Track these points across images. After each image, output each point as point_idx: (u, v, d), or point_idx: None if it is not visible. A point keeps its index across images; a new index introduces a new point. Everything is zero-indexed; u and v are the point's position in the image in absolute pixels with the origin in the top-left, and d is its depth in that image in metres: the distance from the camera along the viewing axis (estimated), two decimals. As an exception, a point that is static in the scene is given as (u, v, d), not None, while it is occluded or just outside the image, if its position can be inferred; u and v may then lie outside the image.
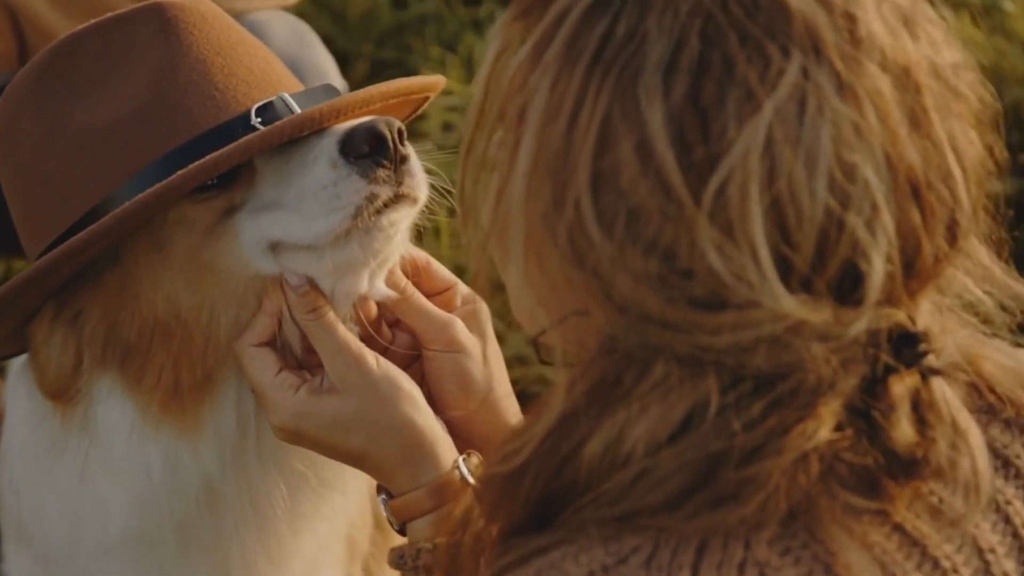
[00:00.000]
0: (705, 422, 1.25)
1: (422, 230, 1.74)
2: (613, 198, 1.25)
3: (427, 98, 1.83)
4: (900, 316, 1.28)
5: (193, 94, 1.63)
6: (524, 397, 1.72)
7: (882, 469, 1.28)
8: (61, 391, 1.69)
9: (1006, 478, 1.36)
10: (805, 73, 1.23)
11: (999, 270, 1.38)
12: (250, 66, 1.68)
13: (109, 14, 1.70)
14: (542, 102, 1.28)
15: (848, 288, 1.25)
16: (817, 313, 1.24)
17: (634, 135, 1.24)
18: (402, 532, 1.66)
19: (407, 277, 1.73)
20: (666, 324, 1.25)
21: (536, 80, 1.29)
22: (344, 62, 3.86)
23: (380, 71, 3.93)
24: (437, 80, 1.78)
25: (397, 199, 1.63)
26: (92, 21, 1.70)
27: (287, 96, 1.66)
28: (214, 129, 1.62)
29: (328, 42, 3.91)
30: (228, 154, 1.57)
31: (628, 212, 1.24)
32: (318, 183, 1.61)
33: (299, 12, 3.94)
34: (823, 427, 1.25)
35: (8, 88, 1.71)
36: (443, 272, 1.77)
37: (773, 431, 1.25)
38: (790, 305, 1.23)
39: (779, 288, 1.22)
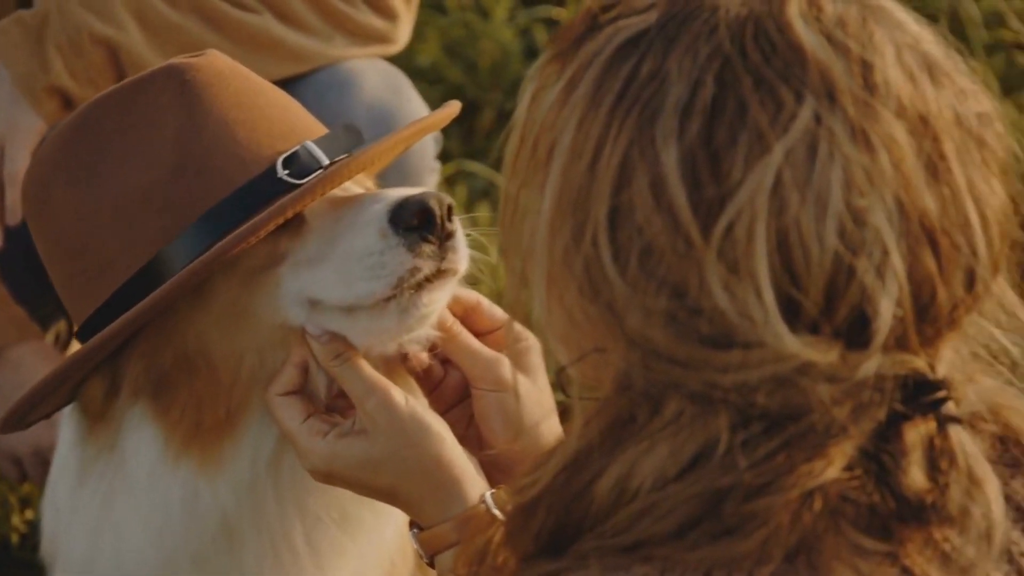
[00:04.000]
0: (713, 459, 1.27)
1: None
2: (628, 234, 1.28)
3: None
4: (918, 363, 1.29)
5: (219, 153, 1.69)
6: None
7: (892, 513, 1.28)
8: (98, 413, 1.75)
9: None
10: (818, 118, 1.25)
11: None
12: (271, 117, 1.74)
13: (127, 80, 1.77)
14: (568, 141, 1.32)
15: (858, 332, 1.26)
16: (823, 355, 1.25)
17: (650, 173, 1.27)
18: (432, 564, 1.70)
19: (457, 317, 1.77)
20: (675, 360, 1.27)
21: (564, 120, 1.33)
22: (472, 111, 3.92)
23: (505, 121, 3.96)
24: (453, 109, 1.83)
25: (439, 274, 1.68)
26: (111, 87, 1.77)
27: (311, 144, 1.71)
28: (244, 186, 1.68)
29: (458, 91, 3.98)
30: (265, 219, 1.63)
31: (642, 248, 1.27)
32: (365, 249, 1.67)
33: (432, 61, 4.04)
34: (831, 467, 1.26)
35: (35, 159, 1.78)
36: (494, 310, 1.81)
37: (780, 469, 1.26)
38: (793, 345, 1.24)
39: (782, 327, 1.24)
